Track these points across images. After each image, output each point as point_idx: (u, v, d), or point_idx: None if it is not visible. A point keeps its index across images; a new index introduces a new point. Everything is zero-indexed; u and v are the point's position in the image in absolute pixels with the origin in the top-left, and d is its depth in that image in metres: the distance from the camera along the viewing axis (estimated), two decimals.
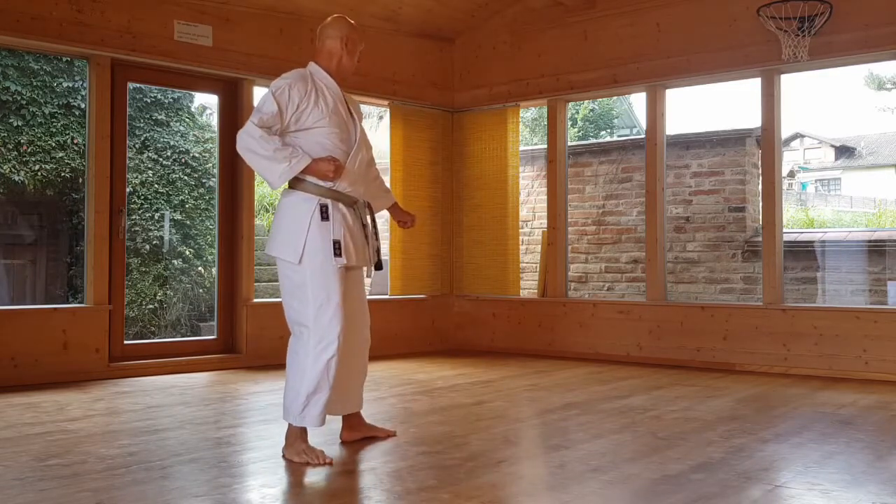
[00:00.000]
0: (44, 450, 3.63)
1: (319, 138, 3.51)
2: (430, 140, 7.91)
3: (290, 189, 3.57)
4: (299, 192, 3.52)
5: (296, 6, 6.75)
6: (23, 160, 8.81)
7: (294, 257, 3.43)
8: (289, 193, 3.57)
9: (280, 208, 3.58)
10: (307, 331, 3.42)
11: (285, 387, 3.50)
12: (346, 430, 3.85)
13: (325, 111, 3.54)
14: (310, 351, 3.41)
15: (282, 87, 3.50)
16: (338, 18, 3.81)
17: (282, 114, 3.47)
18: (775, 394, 5.29)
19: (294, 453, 3.45)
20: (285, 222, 3.51)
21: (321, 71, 3.70)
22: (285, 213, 3.53)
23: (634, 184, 8.51)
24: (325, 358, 3.41)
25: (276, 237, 3.53)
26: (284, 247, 3.46)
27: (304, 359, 3.42)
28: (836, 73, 48.37)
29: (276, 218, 3.58)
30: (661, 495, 2.97)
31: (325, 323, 3.40)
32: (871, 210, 18.26)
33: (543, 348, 7.38)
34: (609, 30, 7.13)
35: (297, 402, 3.43)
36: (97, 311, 5.87)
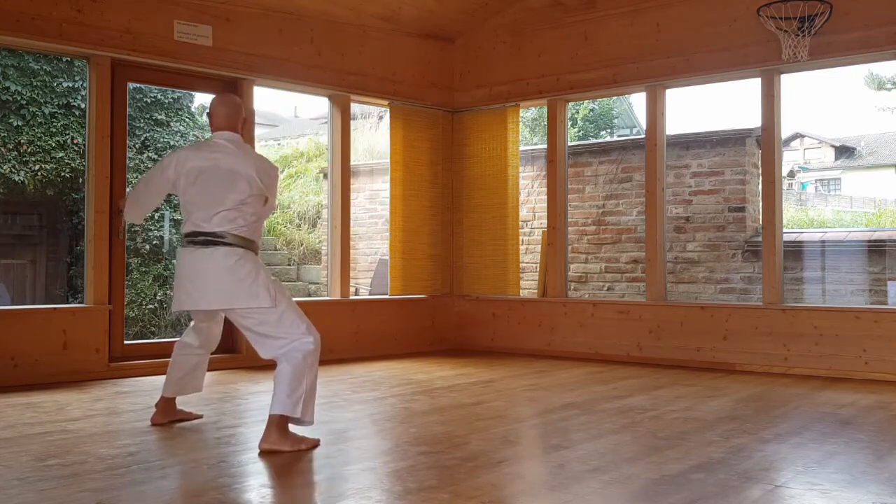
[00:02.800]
0: (44, 450, 3.63)
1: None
2: (430, 140, 7.91)
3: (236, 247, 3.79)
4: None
5: (296, 6, 6.75)
6: (23, 160, 8.81)
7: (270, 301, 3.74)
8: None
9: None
10: (305, 343, 3.73)
11: (283, 386, 3.67)
12: (161, 415, 4.21)
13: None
14: (313, 358, 3.77)
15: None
16: (227, 97, 4.16)
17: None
18: (775, 394, 5.29)
19: (289, 444, 3.63)
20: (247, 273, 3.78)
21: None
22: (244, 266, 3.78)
23: (634, 184, 8.51)
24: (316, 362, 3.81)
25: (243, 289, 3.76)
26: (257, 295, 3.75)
27: (309, 365, 3.73)
28: (836, 73, 48.41)
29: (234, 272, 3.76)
30: (661, 495, 2.97)
31: (311, 328, 3.81)
32: (871, 210, 18.26)
33: (543, 348, 7.39)
34: (609, 30, 7.13)
35: (299, 401, 3.67)
36: (97, 311, 5.87)
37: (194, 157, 3.87)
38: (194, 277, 3.77)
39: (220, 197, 3.77)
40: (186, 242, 3.82)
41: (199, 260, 3.75)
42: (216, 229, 3.75)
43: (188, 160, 3.86)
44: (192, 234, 3.79)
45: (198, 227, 3.78)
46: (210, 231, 3.76)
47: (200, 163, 3.82)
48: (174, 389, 4.22)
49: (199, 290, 3.77)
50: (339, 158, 7.23)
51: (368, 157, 12.50)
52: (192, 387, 4.27)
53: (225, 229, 3.75)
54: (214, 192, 3.77)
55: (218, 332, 4.22)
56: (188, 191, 3.82)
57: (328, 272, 7.43)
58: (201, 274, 3.75)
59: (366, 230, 10.34)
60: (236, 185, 3.76)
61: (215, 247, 3.74)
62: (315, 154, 13.36)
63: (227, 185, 3.77)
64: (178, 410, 4.28)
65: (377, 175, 10.31)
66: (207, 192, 3.78)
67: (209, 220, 3.76)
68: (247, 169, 3.79)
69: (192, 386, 4.27)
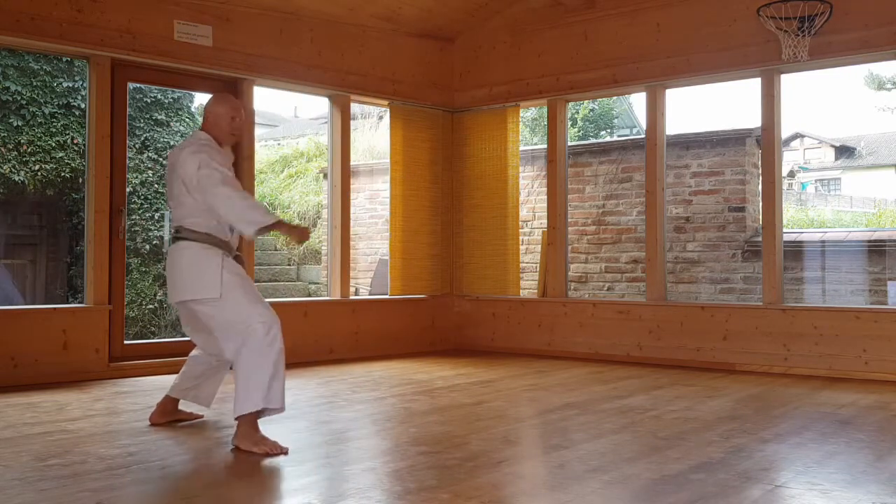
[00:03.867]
0: (44, 450, 3.63)
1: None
2: (430, 140, 7.91)
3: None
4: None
5: (296, 6, 6.75)
6: (23, 160, 8.81)
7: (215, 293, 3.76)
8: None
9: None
10: (253, 329, 3.66)
11: (238, 382, 3.65)
12: (160, 414, 4.20)
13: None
14: (262, 343, 3.66)
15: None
16: (217, 97, 4.17)
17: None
18: (775, 394, 5.29)
19: (252, 443, 3.58)
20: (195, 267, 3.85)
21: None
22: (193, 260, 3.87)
23: (634, 184, 8.51)
24: (278, 347, 3.69)
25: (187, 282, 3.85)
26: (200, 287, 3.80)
27: (257, 352, 3.65)
28: (836, 73, 48.41)
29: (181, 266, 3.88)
30: (661, 495, 2.97)
31: (265, 312, 3.72)
32: (871, 210, 18.26)
33: (543, 348, 7.39)
34: (609, 30, 7.13)
35: (259, 390, 3.61)
36: (97, 311, 5.87)
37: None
38: (168, 273, 3.97)
39: (169, 193, 3.96)
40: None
41: (169, 256, 3.96)
42: (176, 225, 3.92)
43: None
44: (172, 229, 4.00)
45: (173, 222, 3.99)
46: (175, 227, 3.94)
47: (169, 158, 4.05)
48: (179, 391, 4.20)
49: (168, 285, 3.96)
50: (339, 158, 7.23)
51: (368, 157, 12.50)
52: (196, 396, 4.21)
53: (181, 224, 3.89)
54: (169, 190, 3.97)
55: (208, 340, 4.01)
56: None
57: (328, 272, 7.43)
58: (169, 269, 3.95)
59: (366, 230, 10.34)
60: (173, 181, 3.89)
61: (176, 242, 3.91)
62: (315, 154, 13.36)
63: (171, 182, 3.92)
64: (178, 411, 4.27)
65: (377, 175, 10.31)
66: (168, 190, 4.00)
67: (173, 218, 3.97)
68: (179, 164, 3.85)
69: (197, 396, 4.21)
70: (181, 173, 3.82)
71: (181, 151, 3.89)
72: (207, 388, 4.22)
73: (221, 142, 4.03)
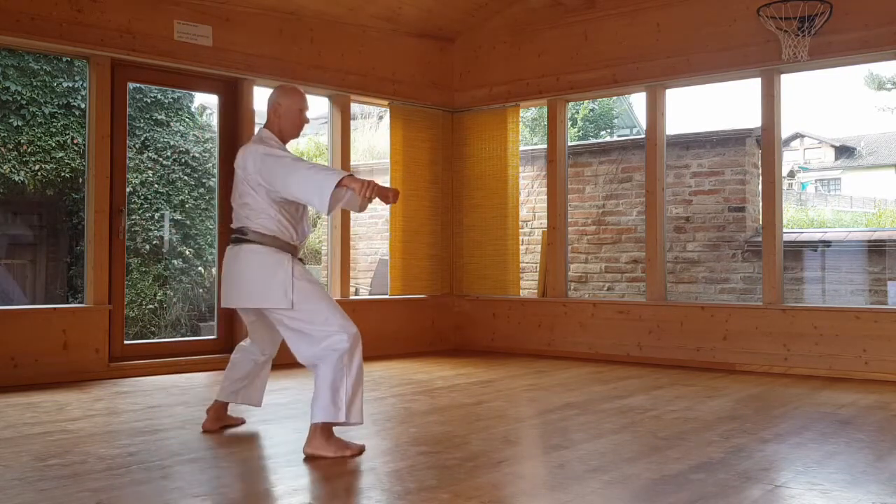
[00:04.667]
0: (44, 450, 3.63)
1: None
2: (430, 140, 7.91)
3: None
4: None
5: (296, 6, 6.75)
6: (23, 160, 8.81)
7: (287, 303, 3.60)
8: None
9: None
10: (336, 340, 3.54)
11: (323, 389, 3.53)
12: (213, 421, 4.07)
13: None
14: (346, 356, 3.56)
15: None
16: (275, 88, 3.96)
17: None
18: (775, 394, 5.29)
19: (332, 450, 3.52)
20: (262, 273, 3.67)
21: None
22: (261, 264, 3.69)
23: (634, 184, 8.51)
24: (360, 360, 3.62)
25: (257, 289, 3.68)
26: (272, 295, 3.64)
27: (342, 364, 3.55)
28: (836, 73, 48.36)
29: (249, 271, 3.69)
30: (661, 495, 2.97)
31: (346, 324, 3.60)
32: (871, 210, 18.25)
33: (543, 348, 7.38)
34: (609, 30, 7.13)
35: (342, 402, 3.52)
36: (97, 311, 5.87)
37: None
38: (227, 275, 3.76)
39: (234, 193, 3.78)
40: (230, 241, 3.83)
41: (230, 258, 3.75)
42: (240, 226, 3.73)
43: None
44: (232, 231, 3.80)
45: (233, 224, 3.79)
46: (236, 228, 3.75)
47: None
48: (228, 394, 4.08)
49: (228, 287, 3.75)
50: (339, 158, 7.23)
51: (368, 157, 12.50)
52: (246, 397, 4.11)
53: (245, 225, 3.70)
54: (233, 190, 3.80)
55: (270, 335, 3.97)
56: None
57: (328, 272, 7.43)
58: (230, 272, 3.74)
59: (366, 230, 10.34)
60: (238, 180, 3.73)
61: (239, 245, 3.71)
62: (315, 154, 13.36)
63: (236, 181, 3.76)
64: (227, 416, 4.17)
65: (377, 175, 10.31)
66: (234, 189, 3.81)
67: (235, 218, 3.77)
68: (242, 161, 3.71)
69: (248, 396, 4.11)
70: (246, 168, 3.67)
71: (245, 148, 3.75)
72: (256, 387, 4.12)
73: (287, 137, 3.86)
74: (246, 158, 3.68)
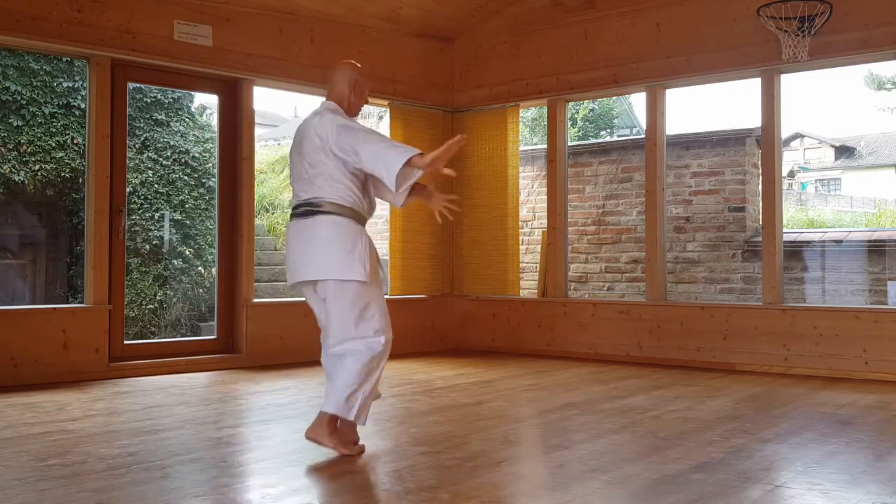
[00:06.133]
0: (44, 450, 3.63)
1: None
2: (430, 140, 7.90)
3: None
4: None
5: (296, 6, 6.75)
6: (23, 160, 8.81)
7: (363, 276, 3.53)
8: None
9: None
10: (375, 341, 3.55)
11: (343, 383, 3.53)
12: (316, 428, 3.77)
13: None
14: (377, 359, 3.58)
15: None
16: (346, 64, 3.90)
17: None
18: (775, 394, 5.29)
19: (333, 442, 3.53)
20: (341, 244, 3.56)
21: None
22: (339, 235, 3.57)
23: (634, 184, 8.51)
24: (383, 366, 3.66)
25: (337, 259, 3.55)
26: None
27: (371, 365, 3.56)
28: (836, 73, 48.42)
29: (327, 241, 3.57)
30: (661, 495, 2.97)
31: (388, 328, 3.63)
32: (871, 210, 18.24)
33: (543, 348, 7.38)
34: (609, 30, 7.13)
35: (358, 402, 3.53)
36: (97, 311, 5.87)
37: (296, 129, 3.80)
38: (298, 248, 3.61)
39: (298, 167, 3.66)
40: (291, 215, 3.69)
41: (302, 229, 3.60)
42: (309, 198, 3.59)
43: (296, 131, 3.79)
44: (295, 206, 3.67)
45: (297, 197, 3.66)
46: (305, 200, 3.61)
47: (294, 135, 3.76)
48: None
49: (301, 261, 3.59)
50: None
51: None
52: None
53: (317, 196, 3.57)
54: (296, 162, 3.67)
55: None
56: (290, 165, 3.77)
57: None
58: (302, 244, 3.59)
59: None
60: (307, 151, 3.60)
61: (313, 216, 3.57)
62: None
63: (302, 154, 3.63)
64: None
65: None
66: (294, 161, 3.70)
67: (302, 190, 3.63)
68: (320, 130, 3.58)
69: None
70: (325, 138, 3.53)
71: (321, 117, 3.62)
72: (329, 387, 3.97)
73: (352, 114, 3.78)
74: (324, 127, 3.56)
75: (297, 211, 3.65)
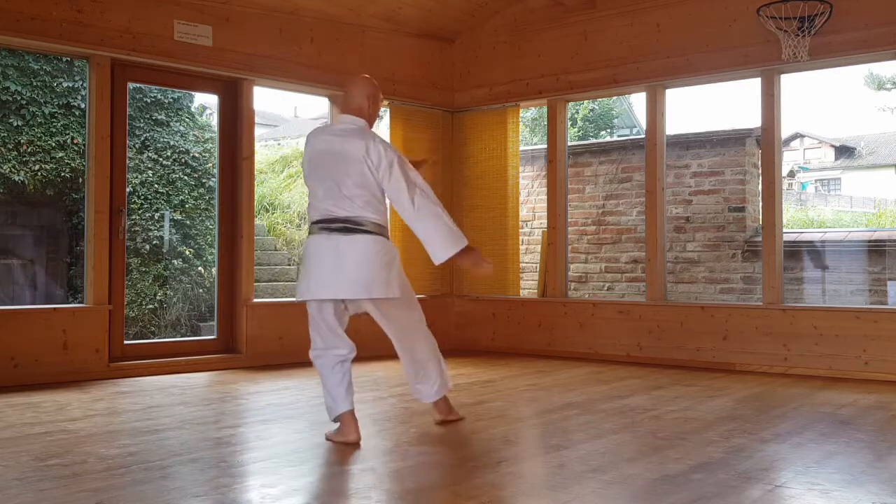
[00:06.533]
0: (44, 450, 3.63)
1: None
2: (430, 140, 7.91)
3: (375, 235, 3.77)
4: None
5: (296, 6, 6.75)
6: (23, 160, 8.81)
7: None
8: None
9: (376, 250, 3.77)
10: (426, 329, 4.20)
11: (435, 367, 4.12)
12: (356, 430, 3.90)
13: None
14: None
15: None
16: (363, 78, 4.03)
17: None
18: (775, 394, 5.29)
19: (455, 414, 4.28)
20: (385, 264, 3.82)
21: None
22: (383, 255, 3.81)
23: (634, 184, 8.51)
24: None
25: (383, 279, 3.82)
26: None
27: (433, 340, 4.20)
28: (836, 73, 48.40)
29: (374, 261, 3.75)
30: (661, 495, 2.97)
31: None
32: (871, 210, 18.24)
33: (543, 348, 7.38)
34: (609, 30, 7.13)
35: (446, 375, 4.21)
36: (97, 311, 5.87)
37: (316, 139, 3.83)
38: (334, 264, 3.68)
39: (342, 181, 3.69)
40: (319, 229, 3.72)
41: (341, 246, 3.67)
42: (349, 215, 3.68)
43: (311, 142, 3.84)
44: (327, 219, 3.71)
45: (328, 212, 3.71)
46: (343, 217, 3.68)
47: (319, 146, 3.79)
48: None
49: (338, 277, 3.67)
50: None
51: None
52: (418, 393, 4.19)
53: (358, 215, 3.68)
54: (332, 176, 3.71)
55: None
56: (311, 175, 3.79)
57: None
58: (340, 260, 3.68)
59: None
60: (350, 169, 3.68)
61: (352, 234, 3.67)
62: None
63: (348, 172, 3.69)
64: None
65: None
66: (326, 175, 3.72)
67: (338, 206, 3.69)
68: (373, 153, 3.68)
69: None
70: (377, 164, 3.66)
71: (356, 139, 3.70)
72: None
73: (369, 125, 3.91)
74: (378, 153, 3.69)
75: (333, 226, 3.70)
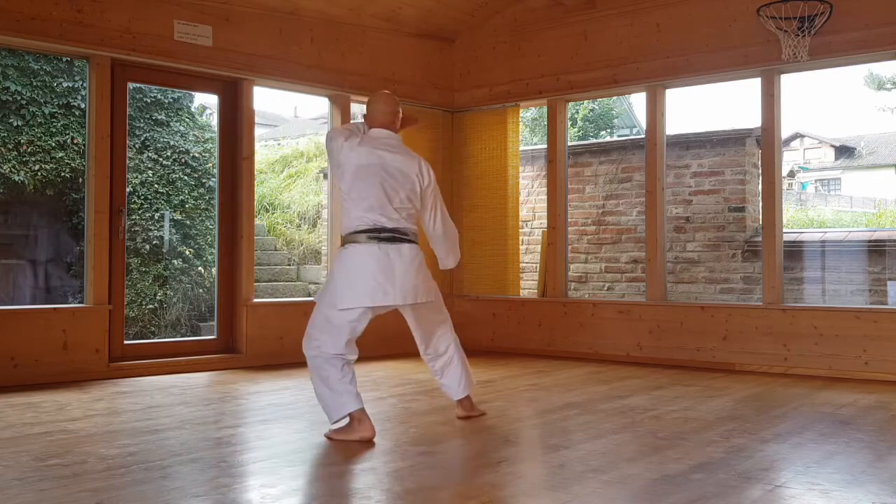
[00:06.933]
0: (44, 450, 3.63)
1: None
2: (430, 140, 7.91)
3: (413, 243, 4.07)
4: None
5: (296, 6, 6.75)
6: (23, 160, 8.81)
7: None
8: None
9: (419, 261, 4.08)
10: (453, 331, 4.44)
11: (461, 365, 4.35)
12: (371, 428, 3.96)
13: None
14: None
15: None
16: (389, 96, 4.32)
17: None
18: (775, 394, 5.29)
19: (479, 410, 4.47)
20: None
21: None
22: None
23: (634, 184, 8.51)
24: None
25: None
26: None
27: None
28: (836, 73, 48.40)
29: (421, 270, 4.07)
30: (661, 495, 2.97)
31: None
32: (871, 210, 18.26)
33: (543, 348, 7.38)
34: (609, 30, 7.13)
35: (471, 375, 4.47)
36: (97, 311, 5.87)
37: (360, 150, 4.00)
38: (392, 272, 3.91)
39: (395, 193, 3.98)
40: (367, 238, 3.90)
41: (393, 255, 3.92)
42: (398, 226, 3.95)
43: (357, 152, 3.99)
44: (377, 229, 3.92)
45: (377, 222, 3.92)
46: (392, 227, 3.94)
47: (367, 157, 3.97)
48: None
49: (398, 285, 3.92)
50: None
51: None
52: (447, 388, 4.40)
53: (405, 227, 3.99)
54: (385, 188, 3.96)
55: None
56: (356, 184, 3.94)
57: (328, 272, 7.43)
58: (399, 269, 3.93)
59: None
60: (409, 185, 4.03)
61: (400, 243, 3.94)
62: (315, 154, 13.36)
63: (404, 185, 4.03)
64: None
65: None
66: (378, 185, 3.95)
67: (389, 218, 3.94)
68: (425, 172, 4.14)
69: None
70: (426, 183, 4.13)
71: (409, 158, 4.14)
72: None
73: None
74: (429, 174, 4.19)
75: (382, 236, 3.92)
